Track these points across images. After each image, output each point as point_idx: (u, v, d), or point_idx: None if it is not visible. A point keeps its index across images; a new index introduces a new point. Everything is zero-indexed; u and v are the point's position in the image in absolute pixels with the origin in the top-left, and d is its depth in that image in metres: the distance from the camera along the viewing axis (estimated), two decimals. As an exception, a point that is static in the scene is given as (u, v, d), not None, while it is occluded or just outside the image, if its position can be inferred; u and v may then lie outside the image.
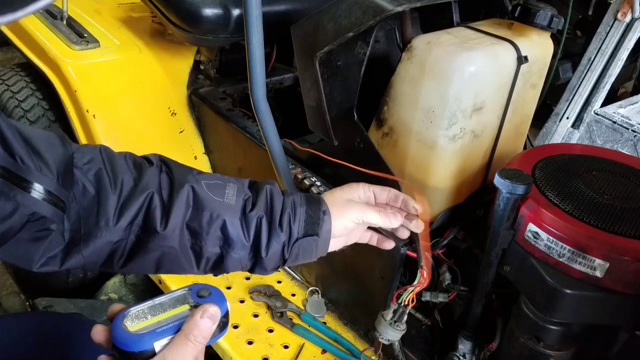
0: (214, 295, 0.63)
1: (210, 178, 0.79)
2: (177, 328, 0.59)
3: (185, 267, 0.77)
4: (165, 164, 0.79)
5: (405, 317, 1.02)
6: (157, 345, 0.58)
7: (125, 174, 0.73)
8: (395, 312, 1.02)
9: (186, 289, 0.64)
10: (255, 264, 0.79)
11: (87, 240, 0.70)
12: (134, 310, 0.61)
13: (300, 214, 0.80)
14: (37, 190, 0.63)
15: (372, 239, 0.93)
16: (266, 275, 1.37)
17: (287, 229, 0.79)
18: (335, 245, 0.85)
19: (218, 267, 0.78)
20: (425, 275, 0.97)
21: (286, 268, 1.40)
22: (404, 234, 0.92)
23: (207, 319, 0.59)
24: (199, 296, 0.63)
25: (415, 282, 0.98)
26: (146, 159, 0.80)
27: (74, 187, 0.70)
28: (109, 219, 0.71)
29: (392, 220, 0.85)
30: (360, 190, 0.89)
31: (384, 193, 0.90)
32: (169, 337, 0.59)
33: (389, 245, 0.93)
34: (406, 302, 1.00)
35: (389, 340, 1.04)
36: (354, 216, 0.83)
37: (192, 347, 0.58)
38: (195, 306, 0.62)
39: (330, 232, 0.81)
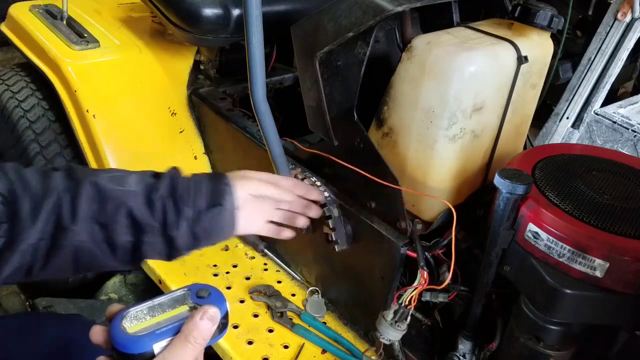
0: (214, 296, 0.63)
1: (111, 171, 0.82)
2: (176, 329, 0.59)
3: (104, 261, 0.79)
4: (69, 167, 0.82)
5: (409, 318, 1.02)
6: (157, 347, 0.58)
7: (33, 179, 0.76)
8: (395, 312, 1.02)
9: (185, 289, 0.63)
10: (171, 246, 0.81)
11: (11, 247, 0.72)
12: (133, 311, 0.60)
13: (203, 189, 0.83)
14: None
15: (270, 230, 0.97)
16: (266, 276, 1.37)
17: (191, 204, 0.81)
18: (245, 226, 0.88)
19: (136, 256, 0.80)
20: (425, 276, 0.97)
21: (286, 268, 1.40)
22: (303, 222, 1.00)
23: (206, 321, 0.59)
24: (198, 297, 0.62)
25: (416, 283, 0.99)
26: (53, 167, 0.83)
27: None
28: (26, 221, 0.72)
29: (284, 196, 0.94)
30: (258, 183, 0.94)
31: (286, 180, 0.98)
32: (168, 339, 0.58)
33: (289, 234, 0.99)
34: (407, 302, 1.00)
35: (389, 340, 1.04)
36: (252, 188, 0.89)
37: (191, 348, 0.58)
38: (194, 307, 0.62)
39: (234, 203, 0.85)
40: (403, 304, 1.01)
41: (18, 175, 0.75)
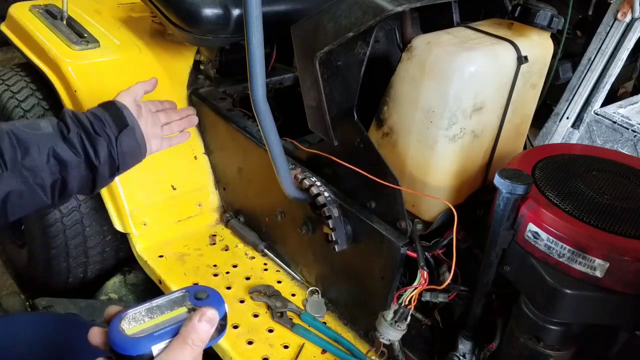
0: (212, 298, 0.62)
1: (23, 121, 0.91)
2: (174, 331, 0.59)
3: (36, 201, 0.87)
4: None
5: (409, 318, 1.02)
6: (155, 348, 0.58)
7: None
8: (395, 312, 1.02)
9: (184, 290, 0.63)
10: (95, 176, 0.92)
11: None
12: (131, 312, 0.60)
13: (105, 118, 0.95)
14: None
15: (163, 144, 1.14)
16: (266, 276, 1.37)
17: (103, 133, 0.92)
18: (154, 144, 1.08)
19: (64, 191, 0.90)
20: (425, 276, 0.97)
21: (286, 268, 1.40)
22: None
23: (205, 323, 0.59)
24: (197, 298, 0.62)
25: (416, 283, 0.99)
26: None
27: None
28: None
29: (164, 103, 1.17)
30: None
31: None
32: (167, 341, 0.58)
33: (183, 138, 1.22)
34: (407, 302, 1.00)
35: (389, 340, 1.04)
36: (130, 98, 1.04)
37: (189, 350, 0.58)
38: (193, 309, 0.61)
39: (134, 119, 0.99)
40: (403, 304, 1.01)
41: None
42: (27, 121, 0.90)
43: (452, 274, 0.98)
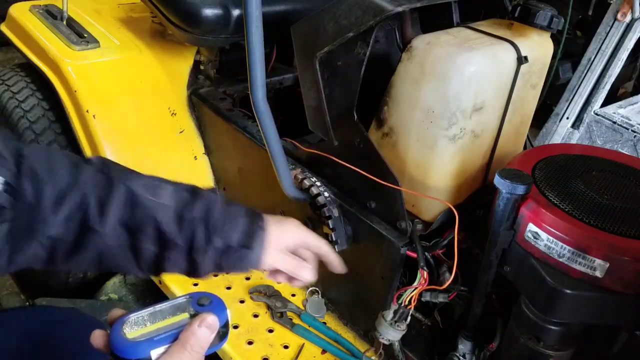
0: (215, 304, 0.62)
1: (147, 179, 0.79)
2: (174, 337, 0.59)
3: (126, 266, 0.77)
4: (103, 163, 0.79)
5: (409, 318, 1.02)
6: (154, 353, 0.58)
7: (62, 169, 0.73)
8: (395, 312, 1.02)
9: (188, 296, 0.63)
10: (193, 267, 0.79)
11: (29, 234, 0.70)
12: (134, 316, 0.60)
13: (239, 224, 0.80)
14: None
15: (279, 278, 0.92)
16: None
17: (223, 237, 0.78)
18: (265, 266, 0.84)
19: (157, 267, 0.78)
20: (425, 276, 0.97)
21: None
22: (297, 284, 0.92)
23: (204, 328, 0.59)
24: (199, 304, 0.62)
25: (416, 283, 0.98)
26: (87, 158, 0.79)
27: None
28: (46, 208, 0.70)
29: (302, 275, 0.87)
30: (296, 236, 0.89)
31: (313, 243, 0.91)
32: (166, 346, 0.58)
33: (298, 284, 0.91)
34: (407, 302, 1.00)
35: (389, 340, 1.04)
36: (283, 244, 0.85)
37: (188, 356, 0.57)
38: (194, 314, 0.61)
39: (264, 249, 0.81)
40: (403, 304, 1.01)
41: (47, 157, 0.72)
42: (154, 182, 0.79)
43: (452, 275, 0.98)
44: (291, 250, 0.88)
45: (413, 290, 0.99)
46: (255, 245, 0.81)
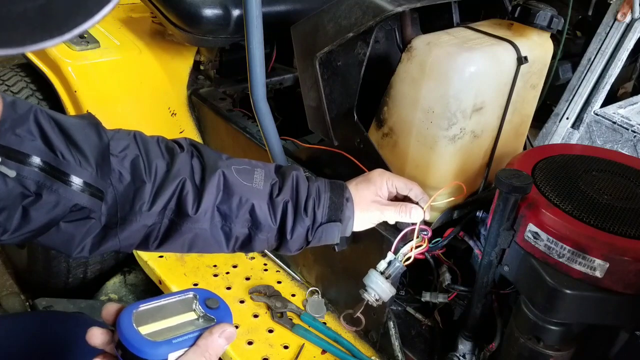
0: (222, 309, 0.63)
1: (239, 163, 0.85)
2: (192, 341, 0.59)
3: (216, 247, 0.82)
4: (196, 148, 0.83)
5: (399, 277, 0.99)
6: (172, 356, 0.58)
7: (158, 160, 0.77)
8: (389, 263, 0.97)
9: (191, 293, 0.63)
10: (281, 245, 0.85)
11: (124, 225, 0.75)
12: (142, 309, 0.60)
13: (324, 200, 0.86)
14: (77, 183, 0.68)
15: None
16: (266, 276, 1.37)
17: (311, 214, 0.84)
18: (357, 227, 0.91)
19: (246, 246, 0.84)
20: (426, 242, 0.97)
21: (286, 268, 1.40)
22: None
23: (224, 340, 0.61)
24: (208, 306, 0.63)
25: (415, 242, 0.97)
26: (177, 143, 0.84)
27: (110, 175, 0.74)
28: (144, 204, 0.75)
29: (411, 215, 0.93)
30: (384, 188, 0.94)
31: (404, 187, 0.96)
32: (184, 349, 0.59)
33: (418, 215, 0.95)
34: (402, 259, 0.97)
35: (376, 296, 0.97)
36: (375, 217, 0.92)
37: None
38: (204, 316, 0.62)
39: (351, 218, 0.88)
40: (399, 256, 0.97)
41: (144, 148, 0.77)
42: (245, 165, 0.84)
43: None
44: (388, 197, 0.94)
45: (411, 247, 0.96)
46: (343, 217, 0.87)
